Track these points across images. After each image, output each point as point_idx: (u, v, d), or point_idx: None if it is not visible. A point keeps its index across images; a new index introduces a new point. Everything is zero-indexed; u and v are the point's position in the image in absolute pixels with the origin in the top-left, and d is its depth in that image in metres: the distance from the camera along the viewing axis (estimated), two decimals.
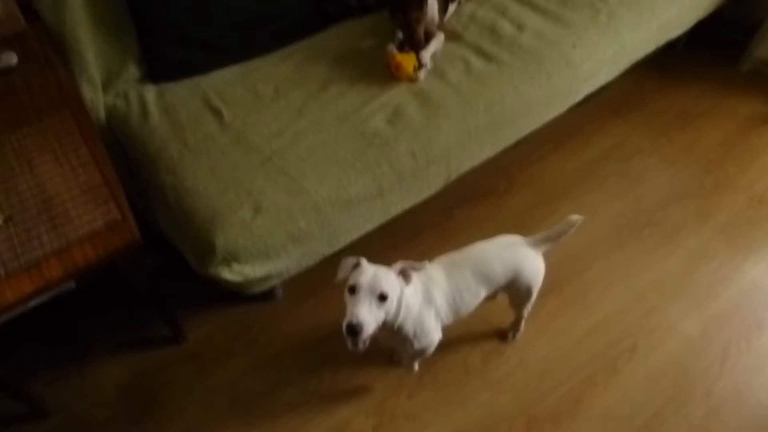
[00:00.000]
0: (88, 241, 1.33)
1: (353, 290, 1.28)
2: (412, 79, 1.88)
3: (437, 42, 1.98)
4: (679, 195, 2.26)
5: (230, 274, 1.57)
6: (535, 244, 1.58)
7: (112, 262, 1.35)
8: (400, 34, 1.95)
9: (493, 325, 1.89)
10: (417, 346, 1.49)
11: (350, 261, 1.35)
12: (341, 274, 1.35)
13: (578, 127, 2.50)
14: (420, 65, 1.88)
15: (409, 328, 1.43)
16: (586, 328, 1.89)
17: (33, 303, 1.32)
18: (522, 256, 1.55)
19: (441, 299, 1.48)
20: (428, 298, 1.46)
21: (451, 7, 2.12)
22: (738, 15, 2.69)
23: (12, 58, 1.69)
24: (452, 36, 2.05)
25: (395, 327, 1.39)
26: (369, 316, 1.26)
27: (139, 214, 1.48)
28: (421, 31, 1.90)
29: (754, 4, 2.62)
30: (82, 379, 1.82)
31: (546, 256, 1.61)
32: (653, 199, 2.25)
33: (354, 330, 1.24)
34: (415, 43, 1.89)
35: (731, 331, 1.88)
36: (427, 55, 1.91)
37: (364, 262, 1.34)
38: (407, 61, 1.86)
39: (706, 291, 1.97)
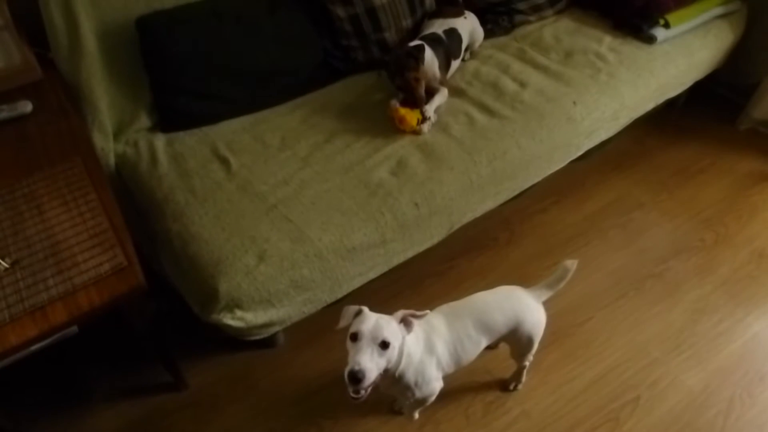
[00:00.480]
0: (93, 285, 1.34)
1: (355, 338, 1.29)
2: (417, 132, 1.92)
3: (441, 97, 2.04)
4: (679, 249, 2.27)
5: (233, 320, 1.57)
6: (536, 294, 1.60)
7: (116, 307, 1.36)
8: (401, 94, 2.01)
9: (494, 375, 1.88)
10: (418, 394, 1.48)
11: (352, 309, 1.36)
12: (343, 322, 1.36)
13: (579, 181, 2.54)
14: (424, 118, 1.93)
15: (410, 376, 1.43)
16: (589, 380, 1.87)
17: (35, 347, 1.32)
18: (523, 306, 1.56)
19: (442, 348, 1.47)
20: (430, 347, 1.46)
21: (455, 64, 2.18)
22: (735, 77, 2.77)
23: (27, 106, 1.74)
24: (456, 91, 2.11)
25: (396, 375, 1.39)
26: (371, 364, 1.26)
27: (144, 260, 1.49)
28: (421, 89, 1.95)
29: (749, 66, 2.71)
30: (80, 426, 1.79)
31: (547, 307, 1.62)
32: (654, 252, 2.26)
33: (356, 377, 1.24)
34: (417, 101, 1.94)
35: (734, 385, 1.86)
36: (430, 109, 1.96)
37: (366, 310, 1.35)
38: (410, 114, 1.91)
39: (709, 345, 1.96)
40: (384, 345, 1.28)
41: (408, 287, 2.14)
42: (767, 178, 2.55)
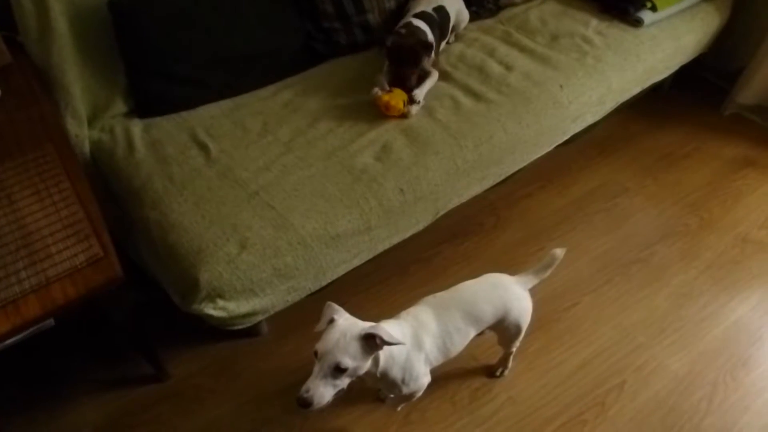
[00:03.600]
0: (68, 277, 1.29)
1: (315, 355, 1.23)
2: (405, 115, 1.88)
3: (431, 81, 2.00)
4: (664, 234, 2.27)
5: (214, 310, 1.54)
6: (523, 282, 1.58)
7: (92, 300, 1.32)
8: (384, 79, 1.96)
9: (480, 362, 1.87)
10: (405, 390, 1.45)
11: (329, 313, 1.29)
12: (319, 326, 1.30)
13: (565, 166, 2.53)
14: (411, 101, 1.89)
15: (396, 374, 1.39)
16: (575, 365, 1.87)
17: (9, 342, 1.27)
18: (511, 295, 1.54)
19: (431, 343, 1.44)
20: (418, 344, 1.42)
21: (442, 45, 2.15)
22: (720, 62, 2.76)
23: None
24: (442, 75, 2.07)
25: (378, 375, 1.35)
26: (323, 389, 1.21)
27: (122, 250, 1.45)
28: (413, 79, 1.91)
29: (734, 52, 2.70)
30: (59, 419, 1.75)
31: (533, 293, 1.60)
32: (639, 237, 2.26)
33: (304, 403, 1.19)
34: (407, 89, 1.90)
35: (718, 368, 1.87)
36: (421, 93, 1.92)
37: (338, 320, 1.27)
38: (395, 98, 1.87)
39: (693, 329, 1.97)
40: (339, 369, 1.21)
41: (393, 274, 2.11)
42: (751, 164, 2.56)
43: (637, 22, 2.28)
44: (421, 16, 2.04)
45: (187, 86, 1.94)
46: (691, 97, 2.87)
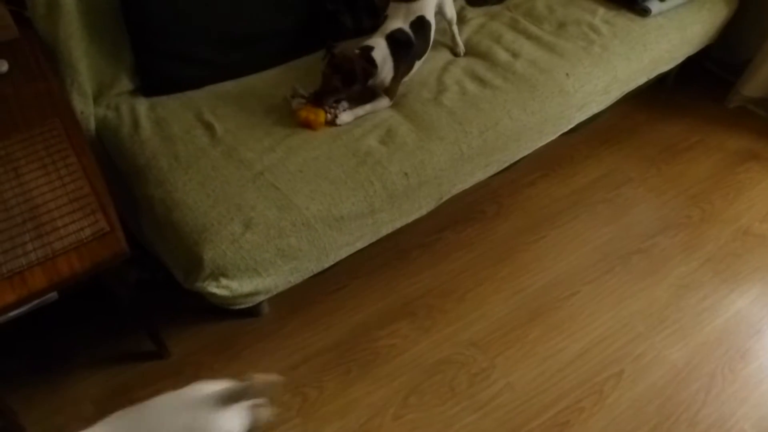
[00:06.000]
0: (74, 251, 1.30)
1: None
2: (334, 124, 1.80)
3: (375, 105, 1.86)
4: (666, 225, 2.28)
5: (218, 288, 1.55)
6: (225, 401, 1.28)
7: (97, 274, 1.33)
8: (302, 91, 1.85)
9: (480, 348, 1.87)
10: None
11: None
12: None
13: (568, 155, 2.53)
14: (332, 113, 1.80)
15: None
16: (574, 353, 1.88)
17: (13, 314, 1.28)
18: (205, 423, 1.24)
19: None
20: None
21: (419, 64, 1.99)
22: (726, 53, 2.75)
23: (2, 66, 1.67)
24: (448, 60, 2.06)
25: None
26: None
27: (126, 227, 1.46)
28: (337, 96, 1.81)
29: (740, 44, 2.69)
30: (59, 393, 1.77)
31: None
32: (641, 228, 2.27)
33: None
34: (324, 102, 1.79)
35: (717, 360, 1.88)
36: (348, 116, 1.81)
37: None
38: (315, 113, 1.78)
39: (693, 320, 1.98)
40: None
41: (395, 258, 2.12)
42: (755, 157, 2.56)
43: (645, 12, 2.27)
44: (393, 37, 1.86)
45: (194, 66, 1.93)
46: (696, 88, 2.86)
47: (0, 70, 1.67)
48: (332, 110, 1.81)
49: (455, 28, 2.12)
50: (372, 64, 1.79)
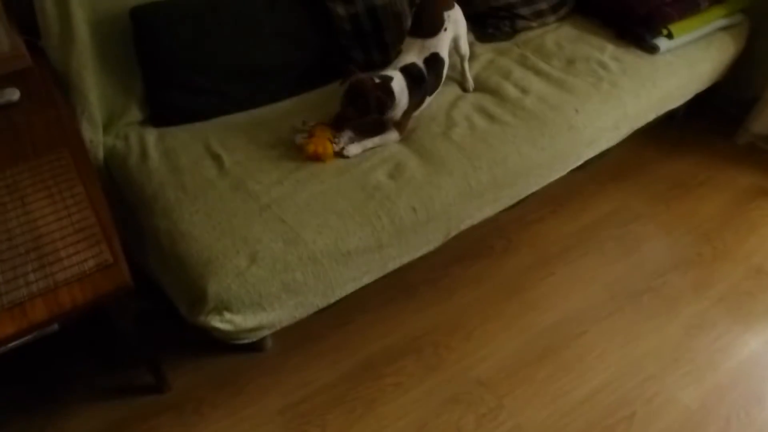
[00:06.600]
0: (76, 282, 1.28)
1: None
2: (341, 154, 1.79)
3: (383, 139, 1.85)
4: (677, 263, 2.24)
5: (221, 323, 1.52)
6: None
7: (99, 306, 1.31)
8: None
9: (488, 387, 1.83)
10: None
11: None
12: None
13: (577, 191, 2.51)
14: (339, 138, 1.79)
15: None
16: (584, 394, 1.83)
17: (13, 344, 1.26)
18: None
19: None
20: None
21: (429, 100, 1.98)
22: (735, 90, 2.74)
23: (14, 94, 1.68)
24: (456, 95, 2.07)
25: None
26: None
27: (130, 257, 1.44)
28: (352, 126, 1.82)
29: (749, 81, 2.69)
30: (56, 425, 1.73)
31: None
32: (651, 266, 2.23)
33: None
34: (336, 130, 1.80)
35: (731, 403, 1.82)
36: (355, 148, 1.81)
37: None
38: (320, 144, 1.77)
39: (706, 361, 1.93)
40: None
41: (401, 293, 2.09)
42: (766, 194, 2.54)
43: (653, 49, 2.28)
44: (406, 71, 1.87)
45: (204, 97, 1.94)
46: (705, 124, 2.86)
47: (11, 98, 1.69)
48: (337, 140, 1.80)
49: (467, 64, 2.13)
50: (390, 94, 1.78)
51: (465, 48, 2.10)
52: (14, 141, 1.58)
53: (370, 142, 1.84)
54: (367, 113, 1.77)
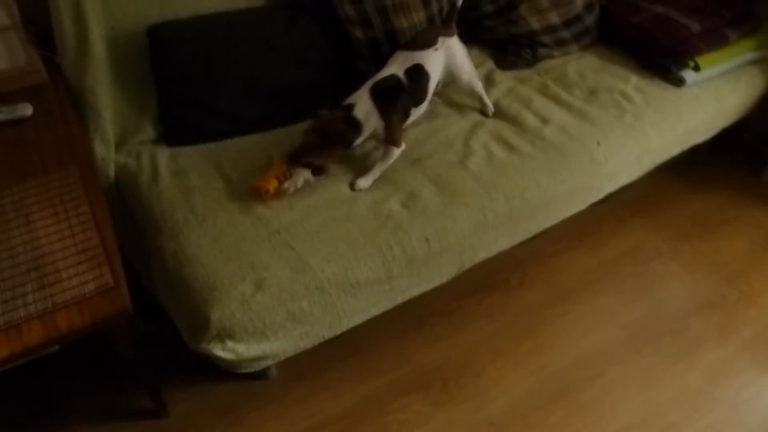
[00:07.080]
0: (75, 305, 1.24)
1: None
2: (282, 192, 1.68)
3: (385, 162, 1.80)
4: (699, 305, 2.15)
5: (223, 351, 1.47)
6: None
7: (97, 330, 1.27)
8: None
9: (498, 428, 1.75)
10: None
11: None
12: None
13: (597, 226, 2.44)
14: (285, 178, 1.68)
15: None
16: None
17: (10, 365, 1.22)
18: None
19: None
20: None
21: (417, 111, 1.91)
22: (763, 125, 2.67)
23: (27, 109, 1.67)
24: (475, 123, 2.02)
25: None
26: None
27: (134, 279, 1.40)
28: (321, 159, 1.74)
29: None
30: None
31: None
32: (672, 306, 2.15)
33: None
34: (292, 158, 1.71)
35: None
36: (365, 182, 1.76)
37: None
38: (263, 180, 1.66)
39: (729, 413, 1.83)
40: None
41: (411, 325, 2.03)
42: None
43: (679, 82, 2.22)
44: (378, 87, 1.80)
45: (220, 118, 1.92)
46: (730, 160, 2.78)
47: (24, 113, 1.68)
48: (286, 179, 1.69)
49: (480, 90, 2.07)
50: (353, 124, 1.73)
51: (466, 78, 2.03)
52: (23, 157, 1.57)
53: (378, 171, 1.79)
54: (330, 145, 1.72)
